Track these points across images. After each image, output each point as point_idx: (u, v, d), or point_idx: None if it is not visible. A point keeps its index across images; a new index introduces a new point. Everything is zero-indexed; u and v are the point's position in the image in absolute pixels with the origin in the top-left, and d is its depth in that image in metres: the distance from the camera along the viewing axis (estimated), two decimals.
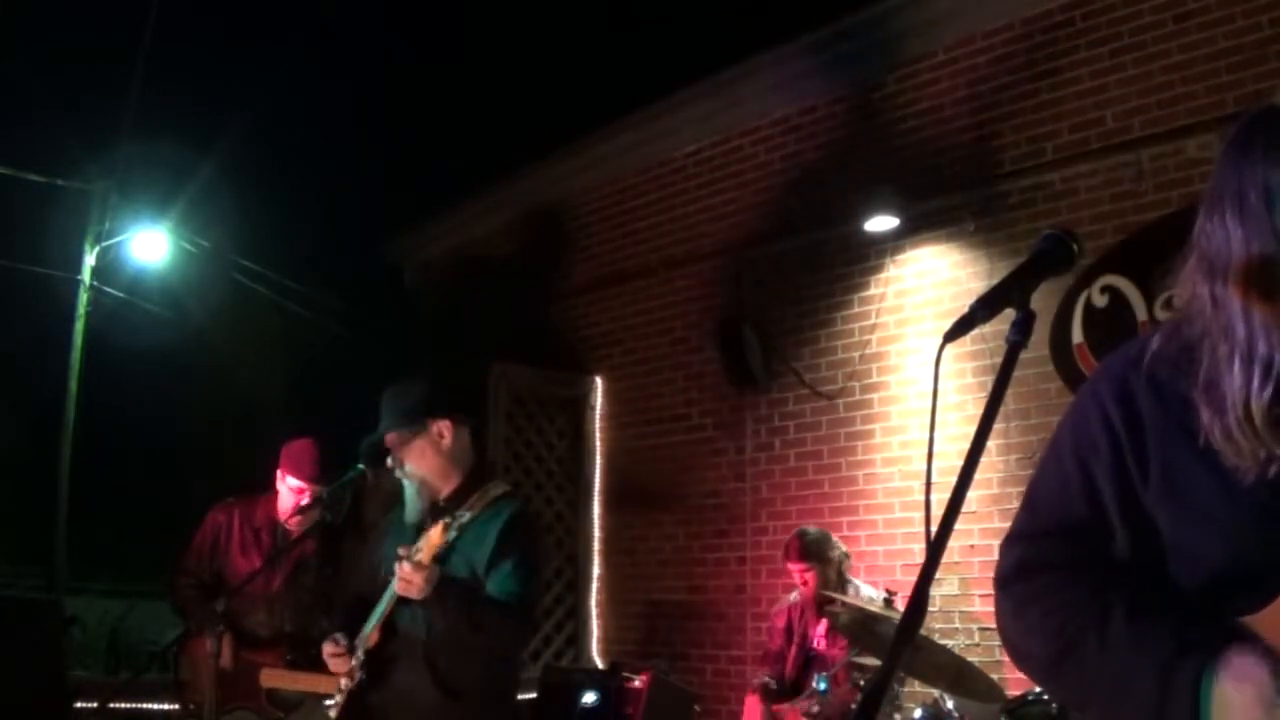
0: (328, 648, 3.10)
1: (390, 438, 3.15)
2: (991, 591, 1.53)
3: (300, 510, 4.22)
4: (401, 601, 2.98)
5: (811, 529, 5.07)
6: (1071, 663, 1.37)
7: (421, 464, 3.13)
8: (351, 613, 3.18)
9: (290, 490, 4.29)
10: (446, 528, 2.92)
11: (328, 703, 3.11)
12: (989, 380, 1.44)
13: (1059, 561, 1.44)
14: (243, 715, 4.02)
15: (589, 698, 5.37)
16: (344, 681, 3.08)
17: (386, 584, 3.03)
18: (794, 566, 4.97)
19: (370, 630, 3.05)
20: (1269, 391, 1.31)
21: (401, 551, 2.93)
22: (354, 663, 3.04)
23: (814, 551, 4.90)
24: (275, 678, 3.76)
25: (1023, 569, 1.47)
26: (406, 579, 2.87)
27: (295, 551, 4.23)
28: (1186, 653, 1.27)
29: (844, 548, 5.06)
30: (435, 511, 3.09)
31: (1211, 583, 1.35)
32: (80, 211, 9.35)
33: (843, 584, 4.91)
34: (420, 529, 3.07)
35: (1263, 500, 1.32)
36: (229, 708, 4.02)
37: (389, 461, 3.15)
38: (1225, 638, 1.27)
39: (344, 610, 3.29)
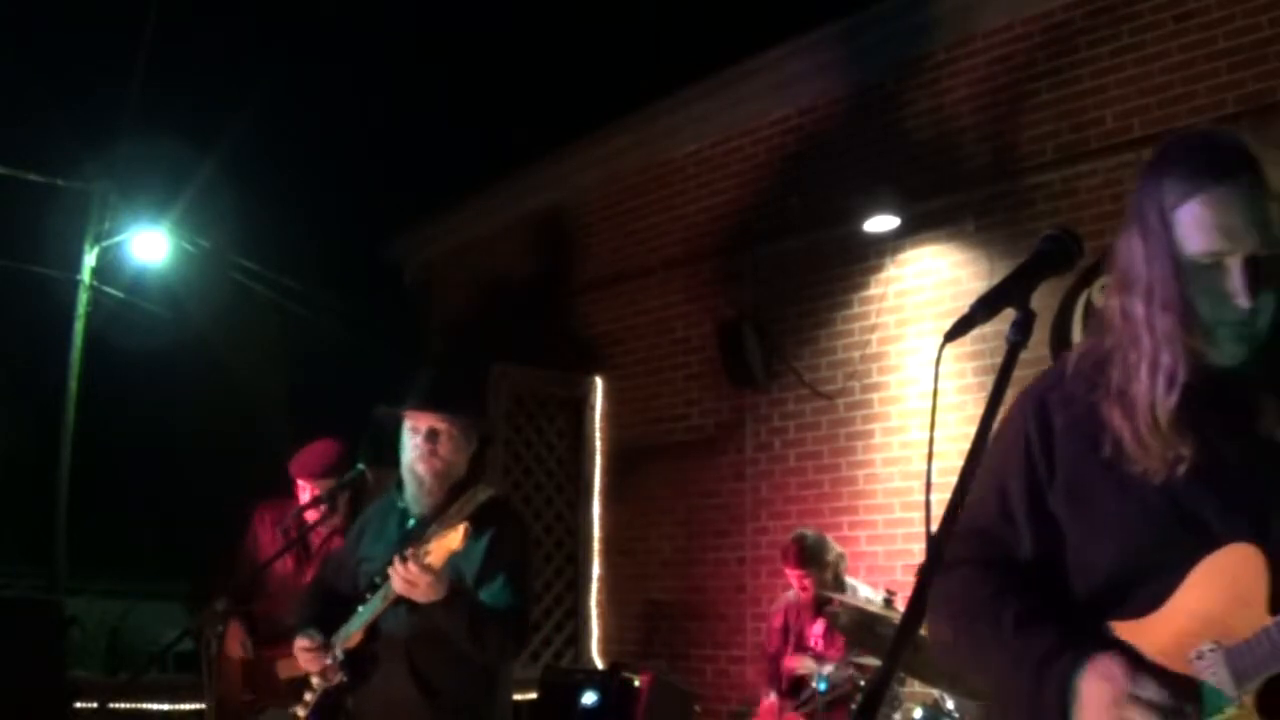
0: (301, 642, 2.98)
1: (435, 418, 2.98)
2: None
3: (304, 508, 4.24)
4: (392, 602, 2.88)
5: (809, 533, 5.05)
6: (972, 656, 1.54)
7: (455, 457, 3.01)
8: (327, 609, 3.08)
9: (299, 489, 4.36)
10: (467, 533, 2.69)
11: (305, 696, 3.04)
12: (989, 380, 1.46)
13: (972, 559, 1.58)
14: (274, 714, 4.01)
15: (589, 698, 5.38)
16: (317, 680, 3.01)
17: (373, 584, 2.94)
18: (793, 573, 4.96)
19: (354, 630, 2.97)
20: (1174, 398, 1.44)
21: (412, 551, 2.75)
22: (330, 661, 2.97)
23: (812, 557, 4.89)
24: (290, 666, 3.75)
25: (940, 566, 1.59)
26: (410, 580, 2.70)
27: (320, 549, 4.24)
28: (1061, 653, 1.41)
29: (840, 549, 5.05)
30: (435, 510, 3.00)
31: (1104, 587, 1.49)
32: (80, 211, 9.35)
33: (840, 585, 4.90)
34: (419, 525, 2.99)
35: (1162, 507, 1.43)
36: (259, 707, 4.02)
37: (417, 441, 2.98)
38: (1096, 643, 1.41)
39: (313, 605, 3.17)
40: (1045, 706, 1.40)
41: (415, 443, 3.00)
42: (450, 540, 2.71)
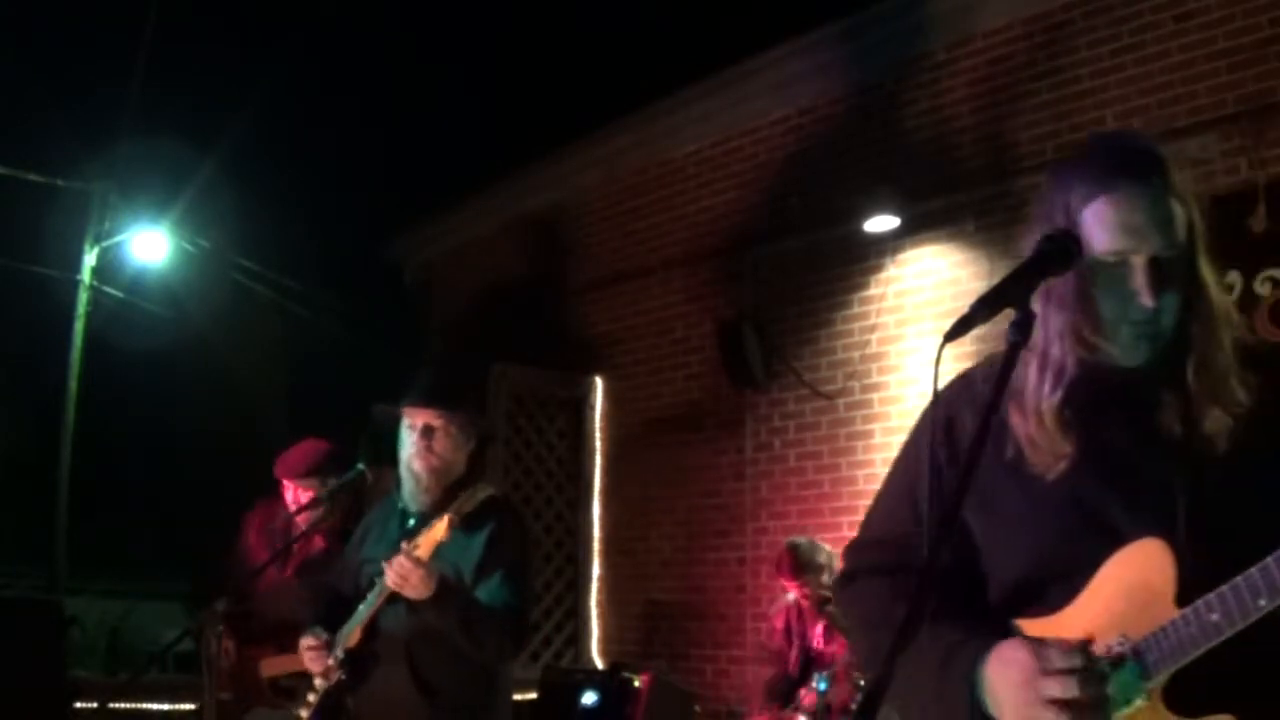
0: (306, 641, 3.00)
1: (431, 414, 2.99)
2: None
3: (301, 508, 4.24)
4: (388, 599, 2.88)
5: (801, 541, 5.08)
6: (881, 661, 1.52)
7: (452, 454, 3.02)
8: (330, 610, 3.09)
9: (284, 489, 4.35)
10: (451, 524, 2.75)
11: (308, 696, 3.06)
12: None
13: (882, 568, 1.61)
14: (259, 713, 4.01)
15: (589, 698, 5.38)
16: (319, 681, 3.01)
17: (372, 583, 2.95)
18: (790, 583, 5.00)
19: (353, 629, 2.97)
20: (1059, 395, 1.46)
21: (404, 545, 2.78)
22: (332, 661, 2.98)
23: (807, 564, 4.94)
24: (273, 665, 3.74)
25: (852, 574, 1.67)
26: (402, 574, 2.73)
27: (302, 547, 4.24)
28: (962, 647, 1.41)
29: (829, 548, 5.07)
30: (433, 507, 2.99)
31: (1015, 589, 1.49)
32: (80, 211, 9.36)
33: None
34: (418, 523, 2.98)
35: (1067, 507, 1.45)
36: (245, 706, 4.02)
37: (414, 438, 2.99)
38: (1001, 636, 1.41)
39: (318, 606, 3.18)
40: (951, 702, 1.40)
41: (412, 439, 3.01)
42: (435, 532, 2.74)
